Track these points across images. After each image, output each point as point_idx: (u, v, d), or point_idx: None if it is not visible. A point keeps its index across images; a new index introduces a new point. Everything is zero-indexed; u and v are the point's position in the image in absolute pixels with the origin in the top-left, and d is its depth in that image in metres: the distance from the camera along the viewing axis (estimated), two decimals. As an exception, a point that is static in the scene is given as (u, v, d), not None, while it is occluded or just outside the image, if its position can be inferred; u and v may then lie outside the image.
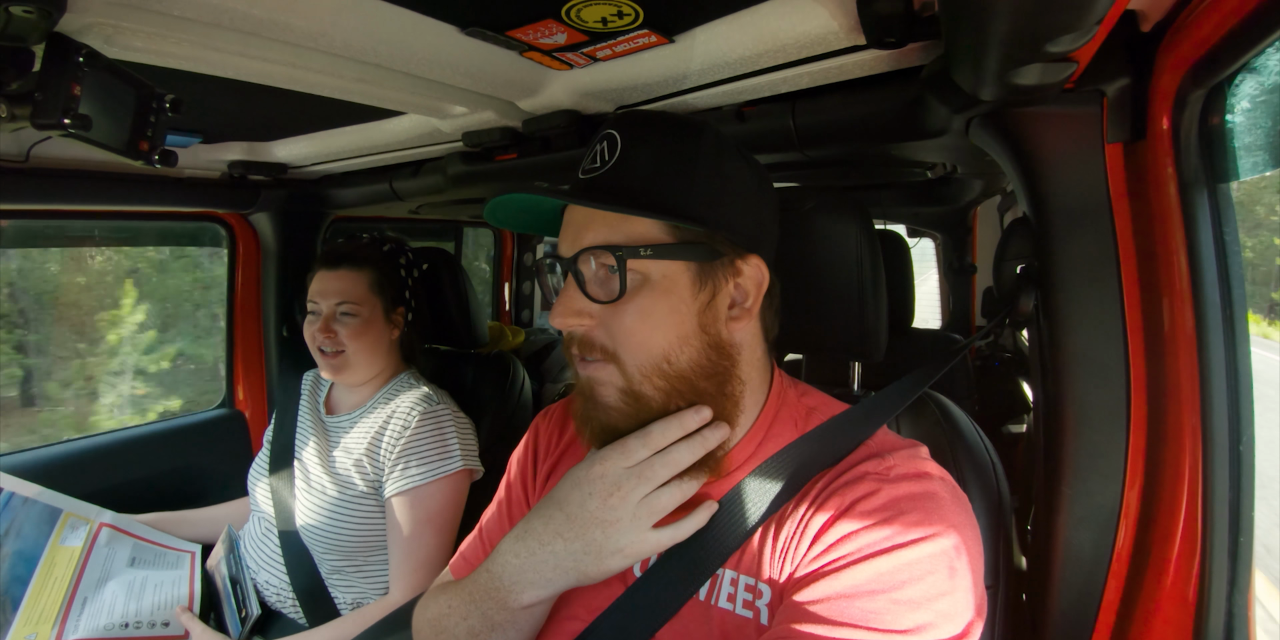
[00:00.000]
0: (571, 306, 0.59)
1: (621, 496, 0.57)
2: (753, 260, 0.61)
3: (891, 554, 0.51)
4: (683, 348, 0.58)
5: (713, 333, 0.60)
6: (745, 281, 0.61)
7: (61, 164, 1.22)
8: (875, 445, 0.61)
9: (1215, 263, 0.62)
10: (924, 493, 0.55)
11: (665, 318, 0.58)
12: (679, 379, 0.59)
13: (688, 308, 0.58)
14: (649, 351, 0.58)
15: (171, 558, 1.19)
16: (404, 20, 0.72)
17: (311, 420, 1.27)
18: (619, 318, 0.58)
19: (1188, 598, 0.63)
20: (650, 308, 0.58)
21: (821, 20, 0.69)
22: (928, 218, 2.89)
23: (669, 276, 0.58)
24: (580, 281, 0.59)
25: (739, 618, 0.57)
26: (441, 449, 1.14)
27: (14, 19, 0.56)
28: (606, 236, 0.58)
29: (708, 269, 0.59)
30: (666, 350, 0.58)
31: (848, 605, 0.50)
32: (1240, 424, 0.61)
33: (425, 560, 1.11)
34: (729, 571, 0.59)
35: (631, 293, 0.57)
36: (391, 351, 1.26)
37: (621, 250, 0.56)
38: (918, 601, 0.49)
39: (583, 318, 0.59)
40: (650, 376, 0.58)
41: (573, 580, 0.59)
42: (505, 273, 2.86)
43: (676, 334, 0.58)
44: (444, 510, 1.13)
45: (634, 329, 0.58)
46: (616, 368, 0.59)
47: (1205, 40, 0.56)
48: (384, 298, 1.23)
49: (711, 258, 0.59)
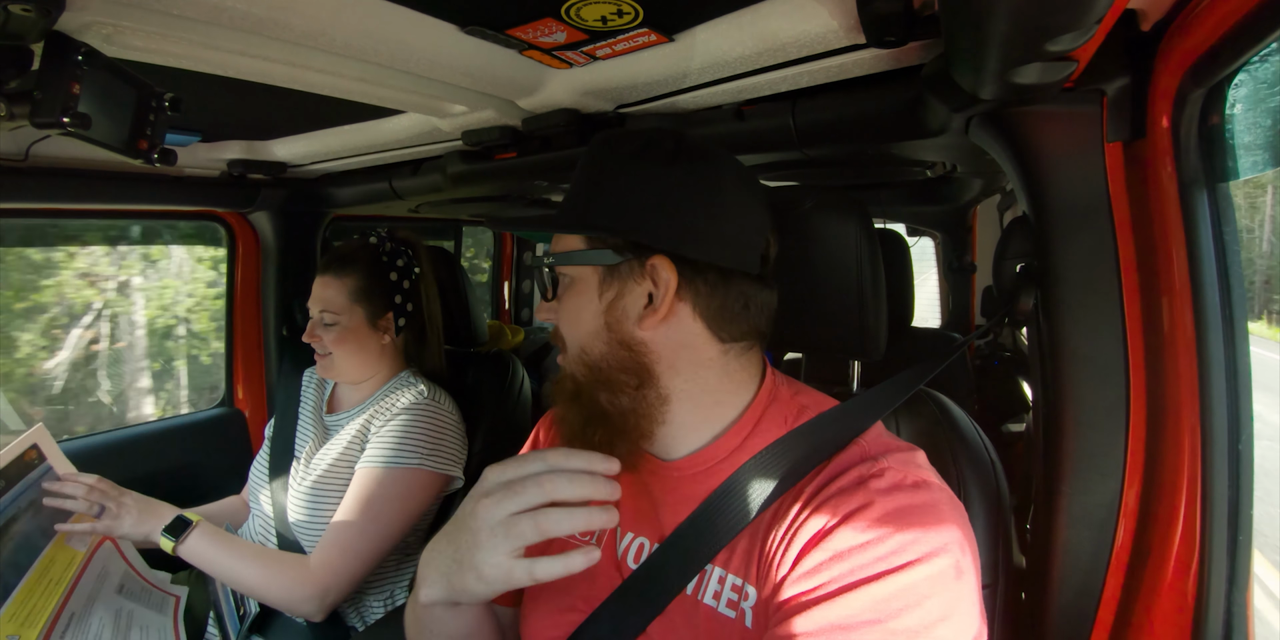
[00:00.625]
0: (544, 303, 0.71)
1: (487, 506, 0.54)
2: (658, 261, 0.61)
3: (887, 578, 0.49)
4: (594, 342, 0.64)
5: (618, 331, 0.63)
6: (660, 282, 0.62)
7: (61, 163, 1.22)
8: (869, 447, 0.60)
9: (1215, 261, 0.62)
10: (920, 505, 0.53)
11: (577, 314, 0.65)
12: (594, 369, 0.64)
13: (594, 306, 0.64)
14: (573, 341, 0.66)
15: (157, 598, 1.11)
16: (403, 19, 0.72)
17: (313, 418, 1.27)
18: (558, 313, 0.68)
19: (1187, 596, 0.63)
20: (569, 305, 0.66)
21: (821, 19, 0.69)
22: (927, 217, 2.89)
23: (581, 279, 0.65)
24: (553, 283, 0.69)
25: (722, 616, 0.57)
26: (405, 441, 1.12)
27: (13, 17, 0.55)
28: (555, 247, 0.68)
29: (613, 271, 0.63)
30: (582, 342, 0.65)
31: (844, 638, 0.48)
32: (1239, 422, 0.61)
33: (349, 544, 1.06)
34: (717, 569, 0.59)
35: (561, 292, 0.67)
36: (385, 356, 1.25)
37: (551, 257, 0.68)
38: (915, 630, 0.48)
39: (547, 312, 0.70)
40: (576, 362, 0.66)
41: (446, 587, 0.55)
42: (505, 271, 2.87)
43: (586, 329, 0.65)
44: (386, 500, 1.08)
45: (563, 322, 0.68)
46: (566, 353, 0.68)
47: (1205, 39, 0.56)
48: (368, 305, 1.20)
49: (614, 261, 0.63)
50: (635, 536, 0.65)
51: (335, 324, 1.18)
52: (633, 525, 0.66)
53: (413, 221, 2.44)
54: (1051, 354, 0.72)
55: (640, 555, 0.63)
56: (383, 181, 1.49)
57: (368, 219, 2.16)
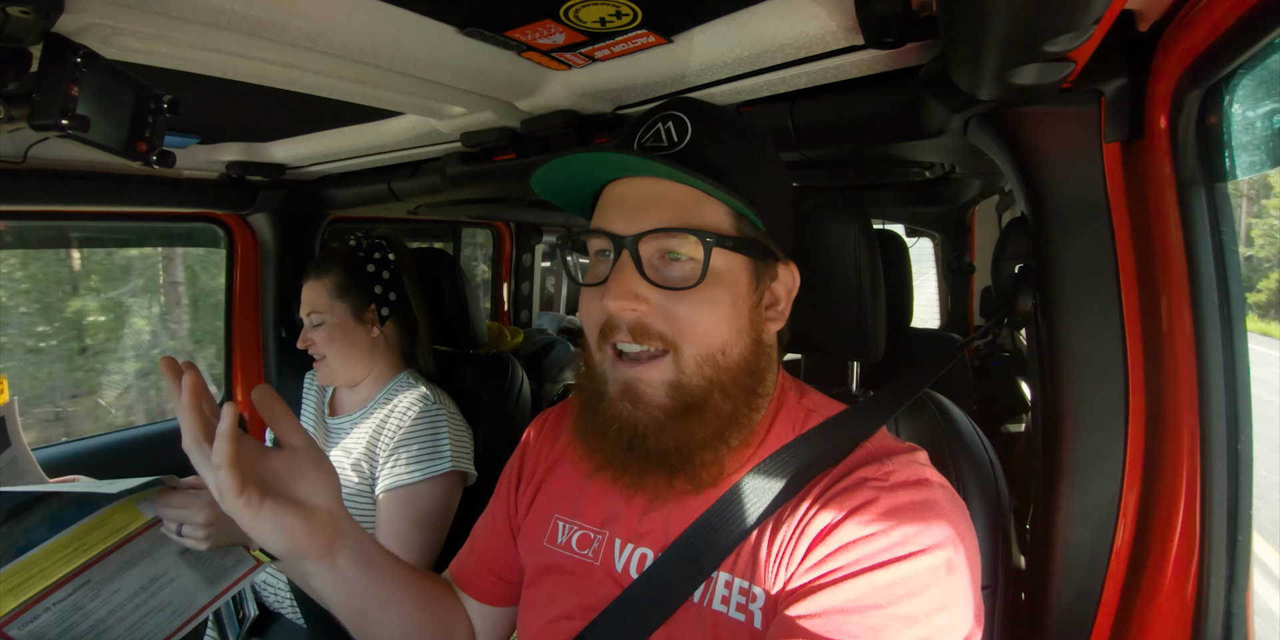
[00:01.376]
0: (630, 289, 0.56)
1: None
2: (791, 266, 0.63)
3: (890, 567, 0.50)
4: (737, 341, 0.59)
5: (758, 330, 0.61)
6: (779, 286, 0.63)
7: (59, 165, 1.22)
8: (874, 449, 0.61)
9: (1213, 261, 0.62)
10: (922, 501, 0.54)
11: (729, 309, 0.57)
12: (726, 371, 0.58)
13: (745, 302, 0.59)
14: (710, 342, 0.57)
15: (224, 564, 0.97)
16: (402, 20, 0.71)
17: (315, 421, 1.27)
18: (683, 305, 0.56)
19: (1186, 596, 0.63)
20: (719, 298, 0.57)
21: (819, 20, 0.69)
22: (926, 217, 2.89)
23: (733, 270, 0.58)
24: (638, 263, 0.56)
25: (732, 621, 0.57)
26: (433, 449, 1.14)
27: (11, 19, 0.55)
28: (679, 219, 0.56)
29: (760, 268, 0.60)
30: (725, 342, 0.58)
31: (844, 621, 0.49)
32: (1238, 423, 0.61)
33: (415, 560, 1.10)
34: (723, 574, 0.59)
35: (707, 280, 0.56)
36: (378, 351, 1.25)
37: (711, 237, 0.55)
38: (915, 617, 0.49)
39: (640, 302, 0.56)
40: (704, 365, 0.57)
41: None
42: (504, 273, 2.86)
43: (735, 327, 0.58)
44: (434, 510, 1.13)
45: (700, 318, 0.56)
46: (672, 359, 0.57)
47: (1203, 40, 0.56)
48: (349, 300, 1.22)
49: (765, 257, 0.60)
50: (636, 547, 0.64)
51: (322, 323, 1.19)
52: (632, 537, 0.65)
53: (411, 223, 2.44)
54: (1050, 354, 0.72)
55: (643, 566, 0.63)
56: (381, 183, 1.49)
57: (367, 221, 2.16)
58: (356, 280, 1.23)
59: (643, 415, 0.58)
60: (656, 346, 0.57)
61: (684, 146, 0.57)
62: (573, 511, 0.69)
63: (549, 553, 0.69)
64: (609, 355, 0.59)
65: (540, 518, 0.72)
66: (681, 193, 0.57)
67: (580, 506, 0.69)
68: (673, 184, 0.57)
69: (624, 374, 0.58)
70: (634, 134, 0.61)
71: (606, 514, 0.67)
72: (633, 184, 0.59)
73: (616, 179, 0.60)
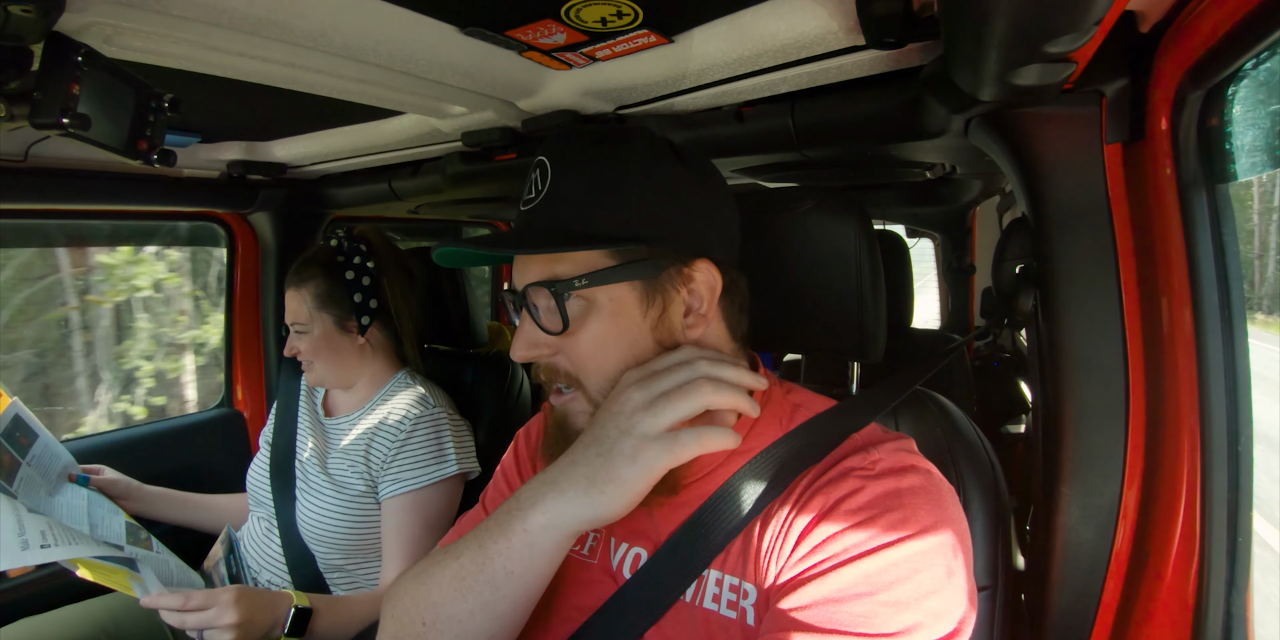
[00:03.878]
0: (527, 339, 0.61)
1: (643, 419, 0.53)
2: (701, 265, 0.60)
3: (878, 554, 0.50)
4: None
5: (670, 344, 0.60)
6: (698, 287, 0.61)
7: (60, 163, 1.22)
8: (861, 439, 0.61)
9: (1214, 263, 0.62)
10: (909, 488, 0.54)
11: (618, 340, 0.59)
12: None
13: (639, 327, 0.59)
14: (607, 375, 0.59)
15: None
16: (403, 20, 0.72)
17: (310, 422, 1.27)
18: (574, 346, 0.59)
19: (1186, 597, 0.63)
20: (602, 334, 0.59)
21: (821, 20, 0.69)
22: (927, 218, 2.89)
23: (615, 299, 0.59)
24: (533, 314, 0.60)
25: (723, 618, 0.57)
26: (438, 453, 1.14)
27: (12, 18, 0.55)
28: (548, 270, 0.59)
29: (654, 284, 0.59)
30: (625, 371, 0.59)
31: (836, 610, 0.49)
32: (1239, 423, 0.61)
33: None
34: (714, 572, 0.59)
35: (580, 321, 0.58)
36: (367, 355, 1.24)
37: (555, 285, 0.57)
38: (906, 602, 0.49)
39: (540, 348, 0.60)
40: None
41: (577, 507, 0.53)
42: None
43: (632, 354, 0.59)
44: (441, 514, 1.13)
45: (589, 355, 0.59)
46: (583, 395, 0.60)
47: (1204, 41, 0.56)
48: (331, 310, 1.19)
49: (656, 272, 0.59)
50: (630, 547, 0.64)
51: (305, 333, 1.18)
52: (627, 536, 0.65)
53: (412, 222, 2.44)
54: (1051, 355, 0.72)
55: (636, 565, 0.63)
56: (382, 182, 1.49)
57: (367, 220, 2.16)
58: (337, 290, 1.20)
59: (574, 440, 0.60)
60: (566, 385, 0.61)
61: (545, 195, 0.59)
62: None
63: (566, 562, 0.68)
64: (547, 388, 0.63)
65: None
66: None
67: None
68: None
69: (558, 403, 0.62)
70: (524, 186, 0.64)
71: None
72: None
73: None
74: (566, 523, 0.54)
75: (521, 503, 0.55)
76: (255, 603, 0.92)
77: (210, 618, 0.88)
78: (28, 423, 1.11)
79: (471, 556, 0.55)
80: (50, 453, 1.11)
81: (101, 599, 1.20)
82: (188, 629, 0.89)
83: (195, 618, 0.88)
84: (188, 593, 0.91)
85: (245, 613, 0.89)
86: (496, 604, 0.54)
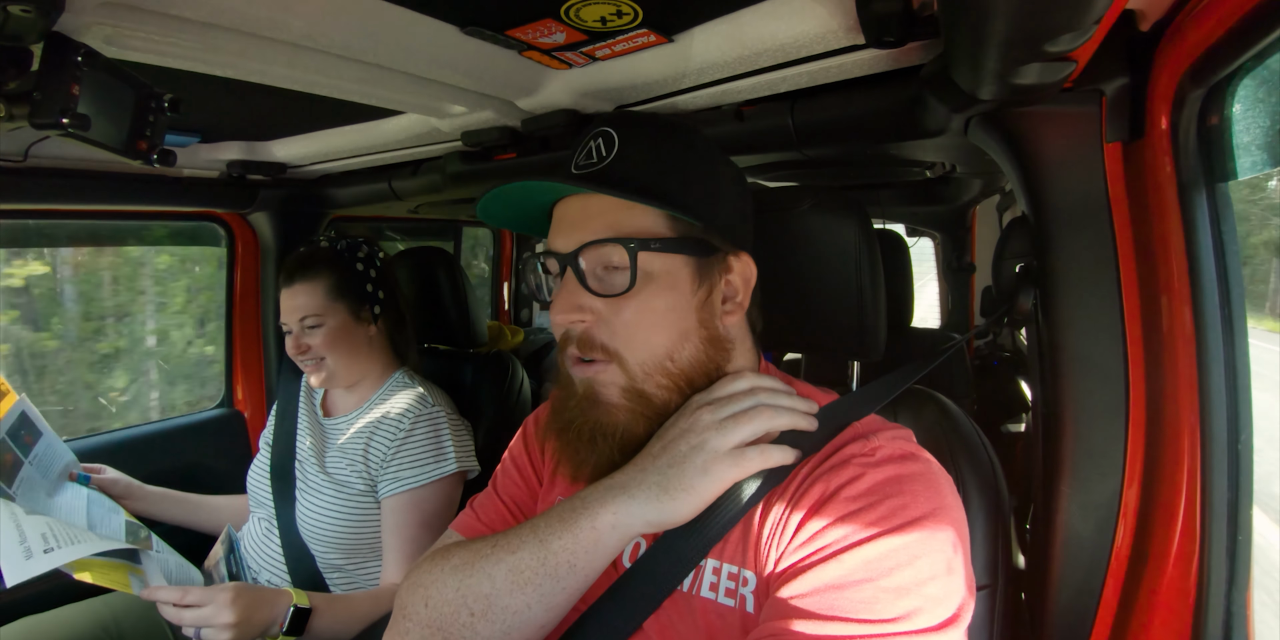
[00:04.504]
0: (572, 302, 0.59)
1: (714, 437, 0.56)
2: (743, 257, 0.63)
3: (878, 541, 0.51)
4: (684, 344, 0.60)
5: (710, 328, 0.61)
6: (735, 278, 0.63)
7: (60, 163, 1.21)
8: (861, 427, 0.61)
9: (1214, 261, 0.62)
10: (909, 474, 0.54)
11: (667, 314, 0.59)
12: (681, 376, 0.60)
13: (688, 303, 0.60)
14: (652, 349, 0.59)
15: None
16: (403, 19, 0.72)
17: (309, 422, 1.27)
18: (621, 313, 0.59)
19: (1186, 595, 0.63)
20: (654, 303, 0.59)
21: (820, 20, 0.69)
22: (927, 217, 2.89)
23: (671, 272, 0.59)
24: (581, 276, 0.59)
25: (722, 606, 0.57)
26: (436, 452, 1.14)
27: (12, 18, 0.55)
28: (607, 229, 0.58)
29: (705, 265, 0.61)
30: (670, 347, 0.59)
31: (836, 597, 0.49)
32: (1239, 422, 0.61)
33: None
34: (711, 561, 0.59)
35: (636, 288, 0.58)
36: (375, 350, 1.25)
37: (633, 242, 0.57)
38: (907, 587, 0.49)
39: (584, 314, 0.59)
40: (654, 374, 0.59)
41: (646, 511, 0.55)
42: (504, 272, 2.86)
43: (678, 330, 0.60)
44: (440, 512, 1.13)
45: (637, 325, 0.58)
46: (619, 367, 0.59)
47: (1204, 40, 0.56)
48: (346, 299, 1.21)
49: (708, 254, 0.61)
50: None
51: (320, 325, 1.18)
52: None
53: (412, 222, 2.44)
54: (1051, 354, 0.72)
55: (636, 554, 0.63)
56: (382, 182, 1.49)
57: (367, 220, 2.16)
58: (349, 279, 1.22)
59: (603, 414, 0.60)
60: (600, 357, 0.60)
61: (610, 160, 0.60)
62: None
63: None
64: (570, 360, 0.62)
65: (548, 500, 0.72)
66: (608, 204, 0.59)
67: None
68: (601, 197, 0.60)
69: (581, 375, 0.61)
70: (574, 154, 0.65)
71: None
72: (569, 203, 0.62)
73: (560, 200, 0.64)
74: (633, 524, 0.56)
75: (589, 503, 0.57)
76: (253, 601, 0.92)
77: (207, 616, 0.88)
78: (33, 421, 1.11)
79: (531, 551, 0.56)
80: (53, 451, 1.12)
81: (102, 598, 1.20)
82: (184, 626, 0.89)
83: (192, 615, 0.88)
84: (186, 587, 0.91)
85: (242, 611, 0.89)
86: (555, 595, 0.56)
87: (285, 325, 1.20)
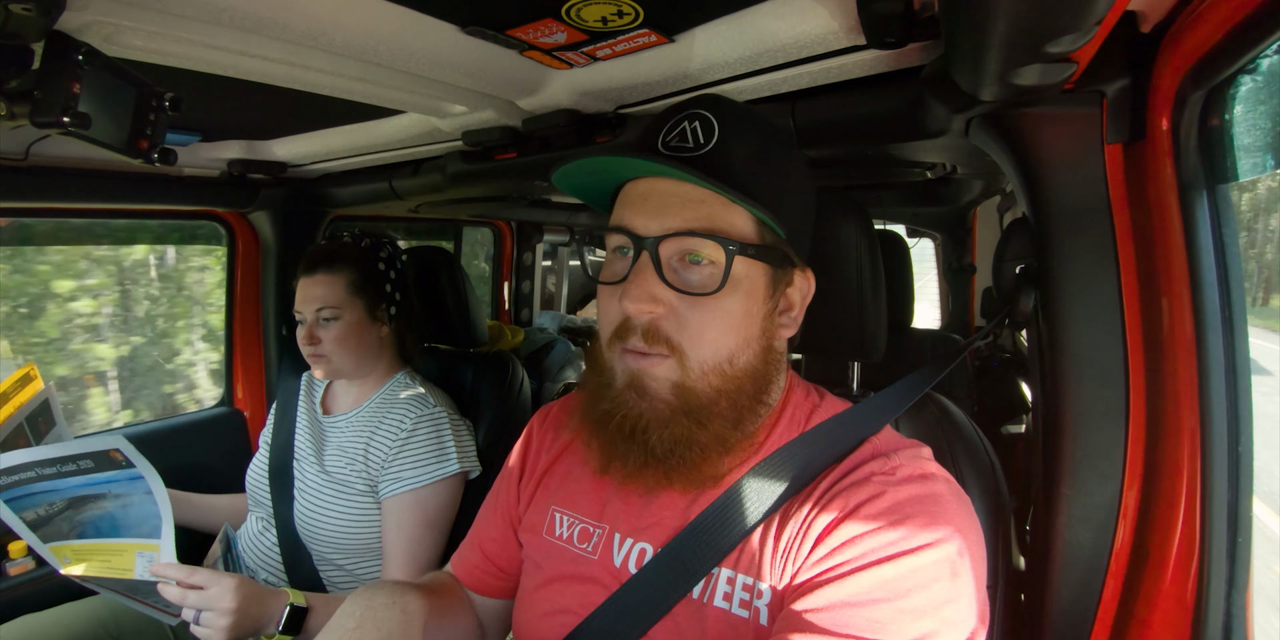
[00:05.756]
0: (649, 291, 0.56)
1: None
2: (808, 272, 0.63)
3: (896, 561, 0.50)
4: (745, 350, 0.59)
5: (770, 337, 0.61)
6: (794, 292, 0.63)
7: (60, 162, 1.22)
8: (880, 444, 0.61)
9: (1214, 263, 0.62)
10: (929, 495, 0.54)
11: (741, 319, 0.57)
12: (733, 379, 0.58)
13: (759, 311, 0.59)
14: (716, 350, 0.57)
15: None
16: (404, 19, 0.72)
17: (308, 421, 1.27)
18: (696, 311, 0.56)
19: (1186, 597, 0.63)
20: (732, 307, 0.57)
21: (821, 20, 0.69)
22: (927, 218, 2.89)
23: (751, 278, 0.58)
24: (658, 266, 0.56)
25: (735, 617, 0.57)
26: (438, 452, 1.14)
27: (13, 17, 0.55)
28: (703, 223, 0.55)
29: (778, 276, 0.60)
30: (733, 351, 0.58)
31: (853, 614, 0.49)
32: (1239, 424, 0.61)
33: (426, 562, 1.11)
34: (725, 570, 0.59)
35: (718, 290, 0.55)
36: (384, 349, 1.25)
37: (733, 244, 0.55)
38: (923, 609, 0.49)
39: (656, 305, 0.56)
40: (709, 374, 0.57)
41: None
42: (505, 272, 2.86)
43: (744, 336, 0.58)
44: (442, 512, 1.14)
45: (710, 325, 0.56)
46: (677, 362, 0.57)
47: (1205, 41, 0.56)
48: (365, 296, 1.21)
49: (784, 265, 0.60)
50: (636, 542, 0.64)
51: (336, 319, 1.18)
52: (633, 532, 0.65)
53: (412, 221, 2.44)
54: (1051, 355, 0.72)
55: (642, 560, 0.63)
56: (383, 181, 1.49)
57: (367, 219, 2.16)
58: (369, 277, 1.23)
59: (647, 407, 0.58)
60: (662, 351, 0.57)
61: (711, 149, 0.57)
62: (572, 505, 0.70)
63: (548, 545, 0.69)
64: (618, 350, 0.59)
65: (539, 510, 0.72)
66: (705, 194, 0.56)
67: (580, 500, 0.69)
68: (697, 185, 0.56)
69: (632, 366, 0.58)
70: (658, 131, 0.60)
71: (606, 508, 0.67)
72: (656, 182, 0.58)
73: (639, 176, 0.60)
74: None
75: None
76: (253, 594, 0.92)
77: (210, 597, 0.88)
78: (52, 410, 1.12)
79: None
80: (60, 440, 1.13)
81: (102, 597, 1.20)
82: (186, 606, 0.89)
83: (195, 596, 0.88)
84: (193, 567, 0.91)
85: (243, 600, 0.89)
86: None
87: (299, 314, 1.20)
